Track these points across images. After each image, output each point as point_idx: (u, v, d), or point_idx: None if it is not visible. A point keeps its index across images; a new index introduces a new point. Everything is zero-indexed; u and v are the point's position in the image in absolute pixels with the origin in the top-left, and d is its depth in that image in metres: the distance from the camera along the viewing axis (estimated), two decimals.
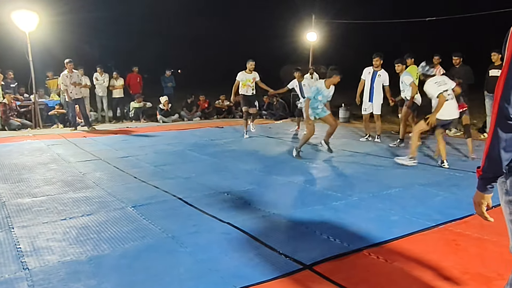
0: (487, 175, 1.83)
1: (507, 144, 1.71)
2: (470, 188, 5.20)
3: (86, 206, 4.58)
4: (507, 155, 1.73)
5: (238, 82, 9.44)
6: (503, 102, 1.70)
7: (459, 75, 9.52)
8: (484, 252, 3.36)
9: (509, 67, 1.71)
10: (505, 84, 1.71)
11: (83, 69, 12.55)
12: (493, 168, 1.79)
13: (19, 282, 2.90)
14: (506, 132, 1.70)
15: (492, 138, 1.74)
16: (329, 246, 3.47)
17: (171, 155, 7.69)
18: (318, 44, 15.81)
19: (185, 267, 3.11)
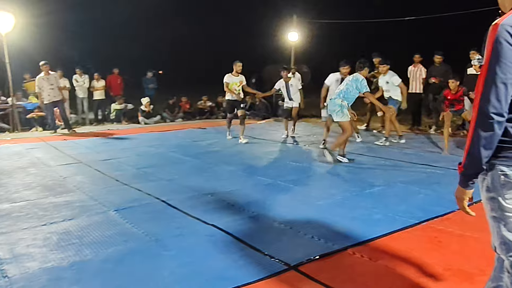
0: (468, 172, 1.88)
1: (487, 142, 1.76)
2: (451, 185, 5.25)
3: (67, 210, 4.50)
4: (487, 152, 1.78)
5: (228, 84, 9.06)
6: (483, 101, 1.75)
7: (437, 74, 9.70)
8: (466, 248, 3.42)
9: (488, 66, 1.75)
10: (484, 84, 1.75)
11: (61, 71, 12.38)
12: (473, 165, 1.84)
13: None
14: (486, 131, 1.75)
15: (472, 136, 1.80)
16: (314, 246, 3.48)
17: (153, 157, 7.62)
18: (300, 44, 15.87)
19: (169, 271, 3.08)
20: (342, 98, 6.61)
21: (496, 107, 1.73)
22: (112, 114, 13.58)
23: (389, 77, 8.28)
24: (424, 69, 10.39)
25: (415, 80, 10.45)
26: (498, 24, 1.73)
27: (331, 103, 6.78)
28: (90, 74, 13.39)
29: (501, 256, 1.95)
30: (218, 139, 9.64)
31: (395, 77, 8.22)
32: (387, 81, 8.28)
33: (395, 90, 8.26)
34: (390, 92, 8.35)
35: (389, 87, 8.30)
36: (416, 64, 10.45)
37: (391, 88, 8.27)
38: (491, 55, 1.74)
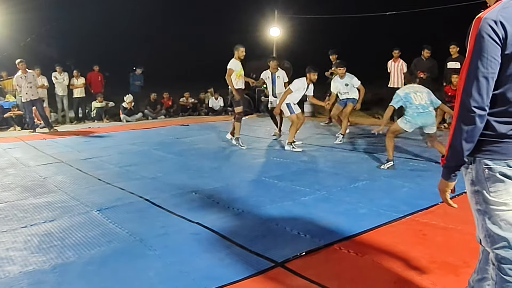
0: (449, 164, 1.90)
1: (468, 135, 1.78)
2: (433, 178, 5.34)
3: (48, 211, 4.41)
4: (468, 145, 1.80)
5: (232, 72, 7.60)
6: (465, 94, 1.77)
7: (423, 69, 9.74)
8: (450, 240, 3.45)
9: (470, 60, 1.75)
10: (466, 77, 1.76)
11: (39, 69, 12.15)
12: (455, 158, 1.86)
13: None
14: (467, 124, 1.77)
15: (454, 129, 1.82)
16: (300, 242, 3.47)
17: (136, 155, 7.53)
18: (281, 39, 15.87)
19: (155, 271, 3.04)
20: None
21: (478, 101, 1.74)
22: (93, 112, 13.40)
23: (348, 79, 8.21)
24: (404, 63, 10.50)
25: (396, 75, 10.55)
26: (481, 17, 1.72)
27: (430, 116, 5.77)
28: (70, 72, 13.18)
29: (486, 249, 1.96)
30: (201, 136, 9.58)
31: (355, 79, 8.19)
32: (347, 83, 8.22)
33: (354, 91, 8.25)
34: (348, 94, 8.28)
35: (348, 89, 8.25)
36: (396, 58, 10.56)
37: (350, 90, 8.24)
38: (473, 49, 1.74)
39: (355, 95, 8.28)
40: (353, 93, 8.25)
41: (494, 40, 1.70)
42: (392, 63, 10.64)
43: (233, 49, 7.74)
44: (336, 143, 7.98)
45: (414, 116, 5.67)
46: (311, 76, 7.50)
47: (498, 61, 1.72)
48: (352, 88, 8.21)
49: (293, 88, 7.51)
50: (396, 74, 10.56)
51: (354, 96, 8.28)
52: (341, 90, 8.32)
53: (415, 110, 5.67)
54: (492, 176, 1.83)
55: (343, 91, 8.31)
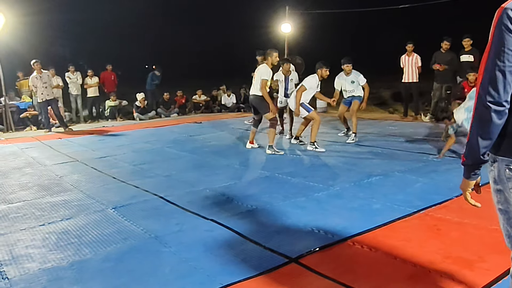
0: (467, 162, 1.83)
1: (484, 132, 1.70)
2: (448, 173, 5.31)
3: (65, 210, 4.48)
4: (485, 142, 1.72)
5: (266, 82, 7.02)
6: (481, 89, 1.70)
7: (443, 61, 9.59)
8: (465, 235, 3.43)
9: (488, 53, 1.68)
10: (484, 71, 1.69)
11: (54, 70, 12.31)
12: (472, 155, 1.79)
13: None
14: (483, 120, 1.70)
15: (472, 125, 1.75)
16: (314, 238, 3.48)
17: (149, 153, 7.60)
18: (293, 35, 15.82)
19: (170, 267, 3.07)
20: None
21: (494, 95, 1.66)
22: (106, 111, 13.54)
23: (355, 76, 8.00)
24: (419, 57, 10.38)
25: (410, 69, 10.44)
26: (503, 7, 1.63)
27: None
28: (83, 71, 13.33)
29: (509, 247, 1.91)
30: (214, 133, 9.62)
31: (361, 76, 7.99)
32: (353, 80, 8.02)
33: (359, 89, 8.06)
34: (354, 92, 8.08)
35: (354, 87, 8.05)
36: (410, 53, 10.44)
37: (356, 88, 8.05)
38: (492, 41, 1.66)
39: (361, 93, 8.07)
40: (359, 91, 8.06)
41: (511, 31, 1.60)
42: (406, 57, 10.52)
43: (266, 55, 7.15)
44: (349, 142, 7.84)
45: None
46: (323, 72, 7.33)
47: None
48: (358, 86, 8.02)
49: (307, 85, 7.29)
50: (410, 68, 10.43)
51: (359, 94, 8.07)
52: (347, 88, 8.12)
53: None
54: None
55: (348, 89, 8.11)
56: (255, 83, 7.14)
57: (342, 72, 8.12)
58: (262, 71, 7.03)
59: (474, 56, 9.38)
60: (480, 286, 2.65)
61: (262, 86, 6.99)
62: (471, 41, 9.47)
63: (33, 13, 15.81)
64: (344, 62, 8.05)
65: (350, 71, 8.00)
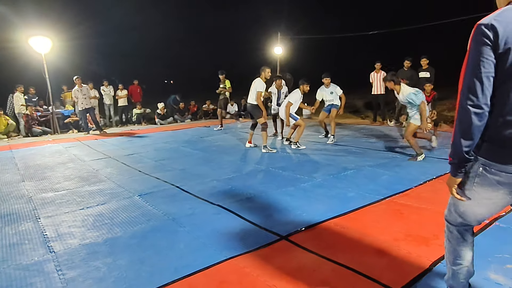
0: (453, 161, 1.71)
1: (465, 133, 1.60)
2: (409, 167, 5.32)
3: (100, 197, 4.47)
4: (467, 142, 1.62)
5: (261, 94, 6.94)
6: (461, 93, 1.60)
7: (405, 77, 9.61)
8: (422, 218, 3.43)
9: (466, 62, 1.59)
10: (463, 78, 1.60)
11: (92, 84, 12.29)
12: (456, 154, 1.67)
13: (47, 263, 2.82)
14: (463, 122, 1.60)
15: (455, 126, 1.66)
16: (301, 220, 3.48)
17: (168, 151, 7.57)
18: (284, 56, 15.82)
19: (185, 243, 3.07)
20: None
21: (472, 99, 1.56)
22: (133, 117, 13.51)
23: (333, 88, 7.95)
24: (385, 73, 10.38)
25: (378, 83, 10.45)
26: (478, 23, 1.58)
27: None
28: (115, 85, 13.30)
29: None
30: (221, 135, 9.59)
31: (338, 88, 7.94)
32: (332, 91, 7.96)
33: (337, 99, 8.02)
34: (333, 101, 8.03)
35: (333, 97, 8.00)
36: (378, 70, 10.45)
37: (335, 98, 8.01)
38: (469, 52, 1.58)
39: (338, 102, 8.04)
40: (336, 100, 8.02)
41: (485, 42, 1.53)
42: (375, 74, 10.52)
43: (260, 70, 7.00)
44: (328, 142, 7.82)
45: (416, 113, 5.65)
46: (304, 88, 7.29)
47: (492, 60, 1.54)
48: (336, 96, 7.99)
49: (292, 100, 7.30)
50: (378, 83, 10.44)
51: (337, 102, 8.04)
52: (327, 98, 8.07)
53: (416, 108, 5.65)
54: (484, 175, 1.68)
55: (328, 99, 8.06)
56: (251, 94, 7.11)
57: (323, 85, 8.07)
58: (257, 85, 6.95)
59: (430, 73, 9.39)
60: (434, 258, 2.65)
61: (257, 97, 6.94)
62: (427, 60, 9.49)
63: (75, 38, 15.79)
64: (323, 76, 8.04)
65: (329, 84, 7.95)
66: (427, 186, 4.37)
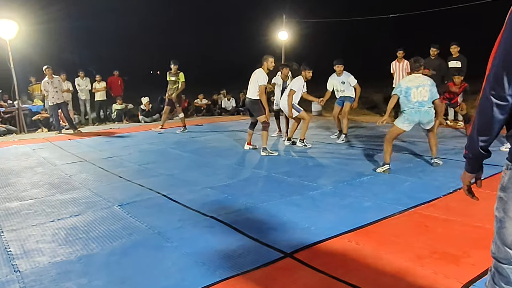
0: (467, 155, 1.72)
1: (482, 125, 1.60)
2: (435, 173, 5.31)
3: (73, 207, 4.48)
4: (483, 137, 1.62)
5: (264, 88, 7.00)
6: (486, 82, 1.58)
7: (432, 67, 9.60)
8: (451, 232, 3.43)
9: (498, 47, 1.55)
10: (491, 65, 1.56)
11: (65, 75, 12.31)
12: (471, 148, 1.68)
13: (11, 285, 2.82)
14: (483, 113, 1.59)
15: (474, 117, 1.65)
16: (308, 234, 3.48)
17: (154, 153, 7.59)
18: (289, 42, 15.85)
19: (172, 261, 3.07)
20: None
21: (495, 88, 1.52)
22: (113, 113, 13.52)
23: (345, 77, 7.96)
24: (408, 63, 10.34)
25: (400, 75, 10.41)
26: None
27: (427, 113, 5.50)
28: (92, 77, 13.33)
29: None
30: (215, 135, 9.61)
31: (351, 77, 7.95)
32: (343, 81, 7.97)
33: (351, 90, 8.03)
34: (345, 92, 8.03)
35: (345, 87, 8.00)
36: (400, 59, 10.42)
37: (347, 88, 8.00)
38: (503, 35, 1.52)
39: (351, 94, 8.03)
40: (349, 91, 8.00)
41: None
42: (396, 63, 10.50)
43: (262, 60, 6.99)
44: (338, 142, 7.87)
45: (412, 113, 5.42)
46: (307, 74, 7.37)
47: None
48: (349, 86, 7.97)
49: (295, 87, 7.35)
50: (400, 74, 10.41)
51: (350, 94, 8.02)
52: (338, 88, 8.08)
53: (411, 107, 5.41)
54: None
55: (339, 89, 8.06)
56: (251, 88, 7.09)
57: (334, 73, 8.10)
58: (259, 76, 6.93)
59: (461, 62, 9.36)
60: (465, 280, 2.65)
61: (261, 92, 6.91)
62: (458, 47, 9.47)
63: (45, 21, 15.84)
64: (335, 63, 8.04)
65: (341, 72, 7.97)
66: (457, 195, 4.38)
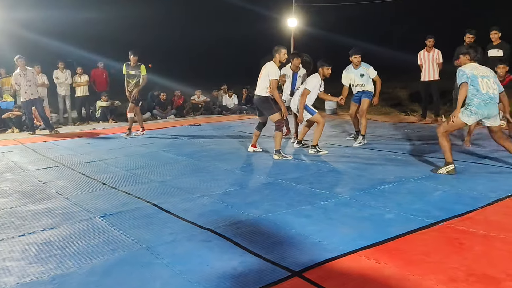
0: None
1: None
2: (472, 180, 5.27)
3: (47, 219, 4.46)
4: None
5: (276, 83, 7.08)
6: None
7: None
8: (491, 250, 3.37)
9: None
10: None
11: (39, 67, 12.33)
12: None
13: None
14: None
15: None
16: (320, 250, 3.44)
17: (143, 157, 7.59)
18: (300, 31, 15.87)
19: (162, 281, 3.04)
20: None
21: None
22: (97, 112, 13.55)
23: (364, 69, 7.89)
24: (440, 52, 10.28)
25: (430, 66, 10.33)
26: None
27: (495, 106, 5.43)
28: (72, 69, 13.36)
29: None
30: (214, 136, 9.61)
31: (371, 69, 7.87)
32: (362, 73, 7.89)
33: (370, 83, 7.96)
34: (364, 86, 7.96)
35: (364, 81, 7.92)
36: (430, 48, 10.34)
37: (366, 82, 7.92)
38: None
39: (371, 88, 7.96)
40: (369, 85, 7.93)
41: None
42: (425, 53, 10.42)
43: (273, 51, 6.99)
44: (355, 145, 7.82)
45: (481, 106, 5.27)
46: (325, 71, 7.22)
47: None
48: (368, 79, 7.90)
49: (310, 87, 7.24)
50: (430, 65, 10.34)
51: (369, 89, 7.96)
52: (356, 82, 7.99)
53: (481, 99, 5.25)
54: None
55: (358, 83, 7.98)
56: (262, 83, 7.04)
57: (350, 65, 8.02)
58: (270, 70, 6.90)
59: (503, 50, 9.23)
60: None
61: (273, 87, 6.90)
62: (499, 33, 9.33)
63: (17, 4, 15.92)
64: (351, 53, 7.95)
65: (358, 63, 7.90)
66: (498, 207, 4.32)
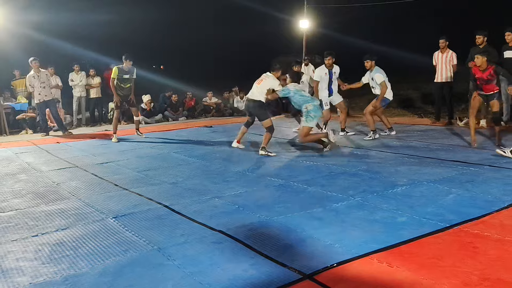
0: None
1: None
2: (486, 184, 5.21)
3: (60, 219, 4.51)
4: None
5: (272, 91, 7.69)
6: None
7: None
8: (506, 255, 3.33)
9: None
10: None
11: (53, 68, 12.44)
12: None
13: None
14: None
15: None
16: (331, 253, 3.43)
17: (155, 159, 7.63)
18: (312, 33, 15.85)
19: (173, 282, 3.05)
20: None
21: None
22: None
23: (374, 72, 8.36)
24: (454, 54, 10.18)
25: (443, 68, 10.24)
26: None
27: None
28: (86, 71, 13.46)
29: None
30: (226, 138, 9.62)
31: (377, 74, 8.26)
32: (372, 77, 8.37)
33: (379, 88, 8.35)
34: (374, 89, 8.47)
35: (374, 84, 8.41)
36: (444, 49, 10.25)
37: (375, 85, 8.35)
38: None
39: (379, 92, 8.40)
40: (378, 89, 8.39)
41: None
42: (439, 54, 10.33)
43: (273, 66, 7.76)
44: (366, 139, 8.33)
45: None
46: (327, 61, 8.32)
47: None
48: (376, 84, 8.33)
49: (317, 77, 8.37)
50: (444, 66, 10.24)
51: (379, 92, 8.43)
52: (370, 84, 8.59)
53: None
54: None
55: (371, 85, 8.57)
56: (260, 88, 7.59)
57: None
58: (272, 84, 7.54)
59: None
60: None
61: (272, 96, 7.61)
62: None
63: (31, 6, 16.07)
64: (364, 58, 8.53)
65: (369, 68, 8.46)
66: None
